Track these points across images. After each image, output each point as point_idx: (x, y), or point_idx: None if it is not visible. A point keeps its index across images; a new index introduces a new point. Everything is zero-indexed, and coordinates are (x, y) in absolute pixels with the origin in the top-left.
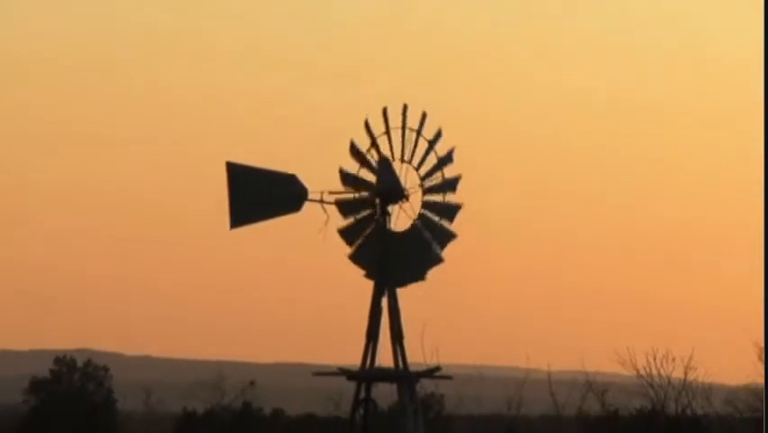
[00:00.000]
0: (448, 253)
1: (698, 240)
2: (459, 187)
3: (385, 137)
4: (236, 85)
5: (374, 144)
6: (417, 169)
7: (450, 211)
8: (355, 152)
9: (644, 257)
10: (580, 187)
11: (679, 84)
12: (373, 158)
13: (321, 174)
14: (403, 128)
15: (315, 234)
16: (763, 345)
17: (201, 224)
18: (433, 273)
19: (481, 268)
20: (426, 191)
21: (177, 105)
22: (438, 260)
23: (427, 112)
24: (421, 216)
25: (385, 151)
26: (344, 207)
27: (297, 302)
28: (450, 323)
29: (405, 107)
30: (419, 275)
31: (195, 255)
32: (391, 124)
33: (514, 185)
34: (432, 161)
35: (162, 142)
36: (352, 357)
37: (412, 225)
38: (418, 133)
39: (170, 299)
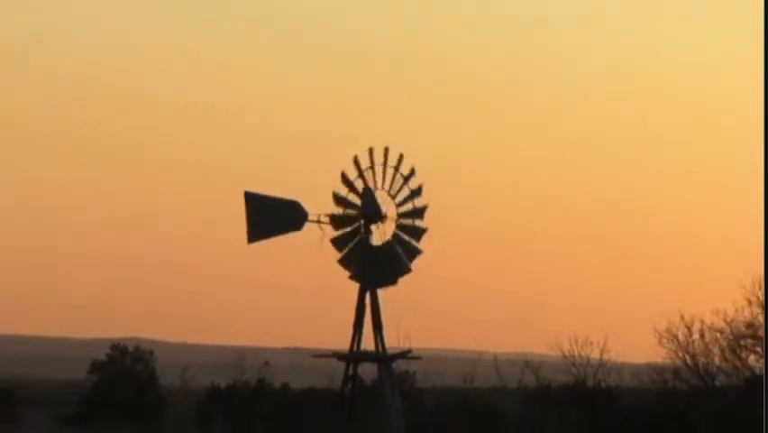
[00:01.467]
0: (415, 264)
1: (614, 241)
2: (425, 214)
3: (370, 171)
4: (253, 124)
5: (360, 175)
6: (394, 198)
7: (418, 233)
8: (345, 180)
9: (569, 260)
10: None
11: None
12: (359, 186)
13: (318, 201)
14: (384, 165)
15: (313, 247)
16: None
17: (226, 239)
18: (403, 280)
19: (442, 276)
20: (400, 216)
21: (207, 138)
22: (407, 270)
23: (404, 153)
24: (395, 235)
25: (369, 182)
26: (336, 222)
27: (301, 301)
28: (418, 316)
29: (386, 149)
30: (392, 281)
31: (221, 264)
32: (376, 161)
33: (469, 212)
34: (405, 192)
35: (211, 171)
36: (343, 343)
37: (388, 242)
38: (396, 169)
39: (203, 297)
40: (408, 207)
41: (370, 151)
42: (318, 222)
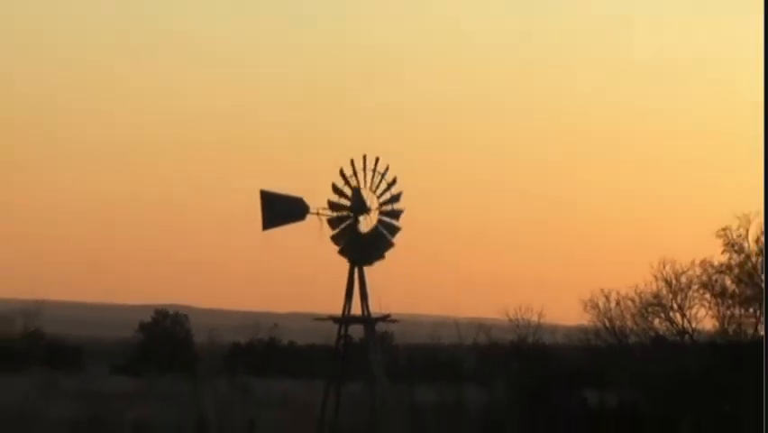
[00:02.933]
0: (397, 240)
1: (550, 230)
2: (402, 199)
3: (354, 177)
4: (265, 132)
5: (347, 183)
6: (375, 191)
7: (396, 214)
8: (336, 189)
9: (516, 244)
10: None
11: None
12: (348, 189)
13: (317, 197)
14: (364, 169)
15: (314, 234)
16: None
17: (245, 227)
18: (387, 255)
19: (415, 256)
20: (381, 204)
21: (223, 144)
22: (391, 245)
23: (380, 156)
24: (379, 219)
25: (353, 183)
26: (333, 222)
27: (303, 276)
28: (396, 288)
29: (364, 157)
30: (380, 255)
31: (242, 247)
32: (358, 167)
33: (438, 196)
34: (384, 185)
35: (231, 172)
36: (337, 309)
37: (374, 227)
38: (374, 170)
39: (228, 273)
40: (387, 195)
41: (352, 161)
42: (318, 214)
